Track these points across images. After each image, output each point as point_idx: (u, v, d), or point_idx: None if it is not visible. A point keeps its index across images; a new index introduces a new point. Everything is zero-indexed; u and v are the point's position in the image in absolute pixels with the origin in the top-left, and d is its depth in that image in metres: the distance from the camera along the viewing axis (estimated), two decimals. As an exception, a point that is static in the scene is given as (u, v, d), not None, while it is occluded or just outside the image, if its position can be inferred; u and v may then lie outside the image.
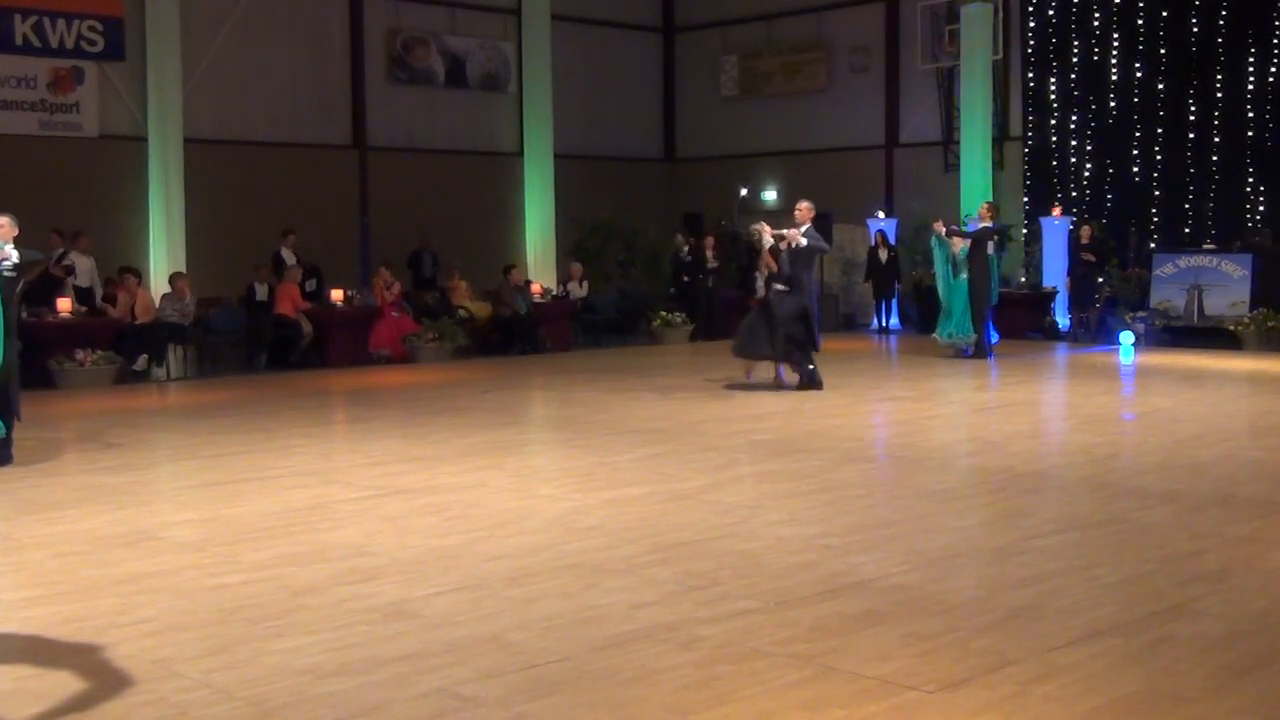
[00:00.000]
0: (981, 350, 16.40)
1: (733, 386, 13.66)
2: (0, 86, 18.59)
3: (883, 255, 21.45)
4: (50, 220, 17.98)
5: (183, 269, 18.12)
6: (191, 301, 16.76)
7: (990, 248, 16.66)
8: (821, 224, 21.89)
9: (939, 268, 16.85)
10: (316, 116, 21.73)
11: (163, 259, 19.28)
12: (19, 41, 18.60)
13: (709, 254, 20.86)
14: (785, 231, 13.25)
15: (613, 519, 7.28)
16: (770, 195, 25.14)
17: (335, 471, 9.07)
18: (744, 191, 24.59)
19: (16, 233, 10.01)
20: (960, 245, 16.54)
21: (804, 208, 13.36)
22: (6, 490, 8.46)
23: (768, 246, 13.70)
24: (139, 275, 17.08)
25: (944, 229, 16.68)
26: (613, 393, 13.47)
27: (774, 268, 13.54)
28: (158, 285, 18.25)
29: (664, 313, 20.47)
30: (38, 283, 15.94)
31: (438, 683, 4.59)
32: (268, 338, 17.24)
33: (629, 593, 5.73)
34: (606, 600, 5.62)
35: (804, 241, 13.15)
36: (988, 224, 16.71)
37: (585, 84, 24.74)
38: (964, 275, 16.54)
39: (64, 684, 4.64)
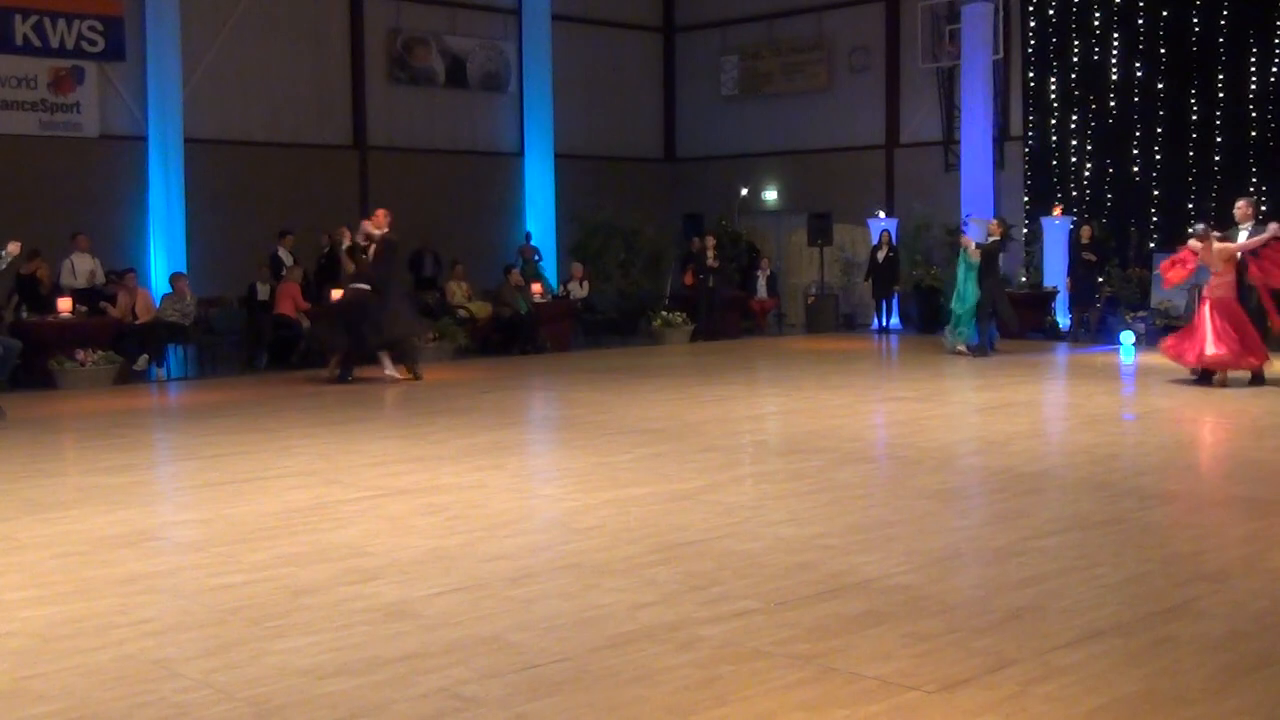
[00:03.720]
0: (983, 348, 16.90)
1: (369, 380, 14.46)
2: (0, 86, 18.60)
3: (882, 255, 21.46)
4: (50, 220, 18.01)
5: (183, 269, 18.12)
6: (191, 301, 16.76)
7: (1000, 260, 17.74)
8: (821, 224, 22.18)
9: (962, 285, 17.23)
10: (316, 116, 21.74)
11: (163, 259, 19.30)
12: (19, 41, 18.61)
13: (709, 254, 20.87)
14: (374, 233, 14.73)
15: (613, 519, 7.27)
16: (770, 195, 25.15)
17: (335, 471, 9.06)
18: (744, 191, 24.61)
19: None
20: (976, 255, 17.27)
21: (378, 215, 14.97)
22: (7, 490, 8.46)
23: (345, 248, 15.09)
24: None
25: (973, 245, 17.28)
26: (613, 393, 13.47)
27: (350, 268, 14.93)
28: (158, 285, 18.27)
29: (664, 312, 20.49)
30: (23, 289, 16.08)
31: (438, 683, 4.59)
32: (268, 338, 17.23)
33: (629, 593, 5.73)
34: (607, 600, 5.62)
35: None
36: (996, 239, 17.60)
37: (585, 84, 24.74)
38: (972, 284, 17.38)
39: (64, 684, 4.64)
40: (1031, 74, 21.47)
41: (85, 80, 19.32)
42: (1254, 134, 19.44)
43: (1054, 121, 21.23)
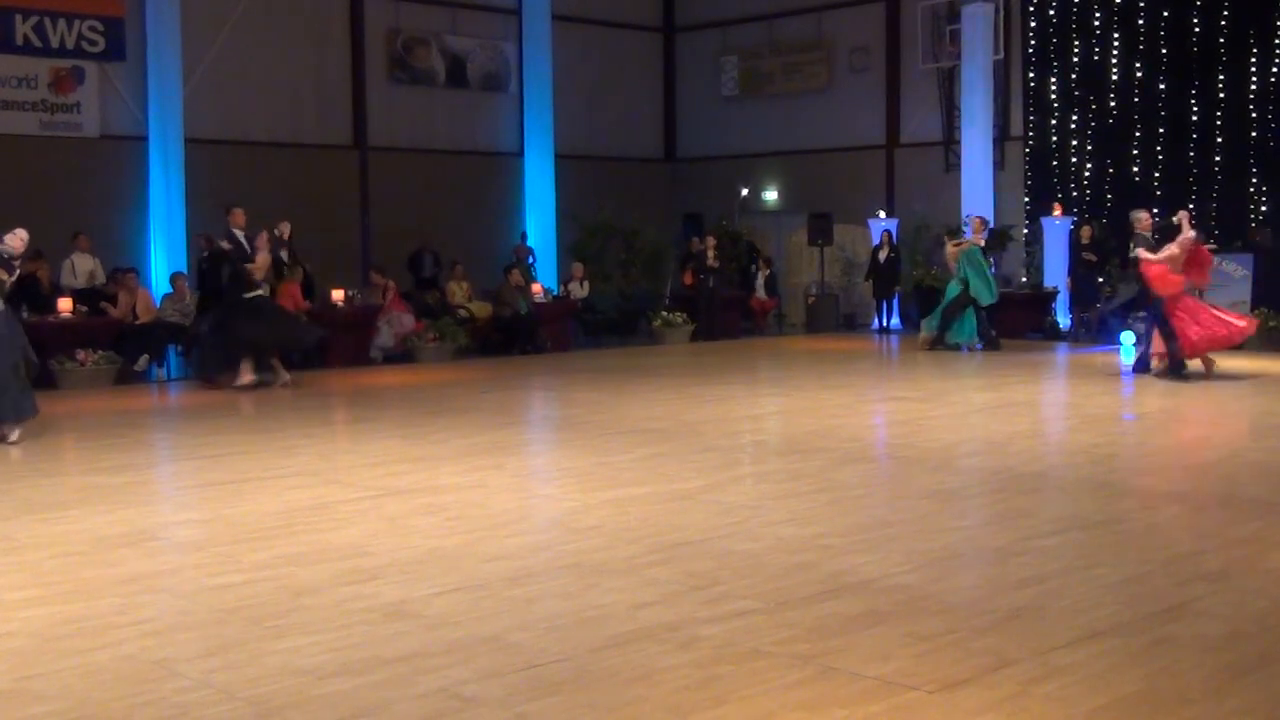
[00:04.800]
0: (972, 344, 17.78)
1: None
2: (1, 86, 18.60)
3: (883, 256, 21.46)
4: (50, 220, 17.99)
5: (183, 269, 18.12)
6: (192, 301, 16.75)
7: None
8: (821, 224, 22.19)
9: (987, 279, 17.92)
10: (316, 116, 21.74)
11: (163, 259, 19.30)
12: (19, 41, 18.61)
13: (709, 254, 20.87)
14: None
15: (613, 519, 7.27)
16: (770, 195, 25.15)
17: (335, 472, 9.06)
18: (744, 191, 24.60)
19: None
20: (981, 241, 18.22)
21: (236, 213, 14.69)
22: (6, 490, 8.46)
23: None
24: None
25: (981, 238, 18.12)
26: (613, 393, 13.47)
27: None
28: (158, 285, 18.26)
29: (664, 312, 20.49)
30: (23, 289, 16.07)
31: (438, 683, 4.59)
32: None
33: (629, 593, 5.73)
34: (607, 600, 5.62)
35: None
36: (981, 235, 18.30)
37: (585, 84, 24.73)
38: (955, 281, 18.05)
39: (64, 684, 4.64)
40: (1031, 74, 21.46)
41: (85, 80, 19.31)
42: (1254, 134, 19.44)
43: (1054, 121, 21.22)
